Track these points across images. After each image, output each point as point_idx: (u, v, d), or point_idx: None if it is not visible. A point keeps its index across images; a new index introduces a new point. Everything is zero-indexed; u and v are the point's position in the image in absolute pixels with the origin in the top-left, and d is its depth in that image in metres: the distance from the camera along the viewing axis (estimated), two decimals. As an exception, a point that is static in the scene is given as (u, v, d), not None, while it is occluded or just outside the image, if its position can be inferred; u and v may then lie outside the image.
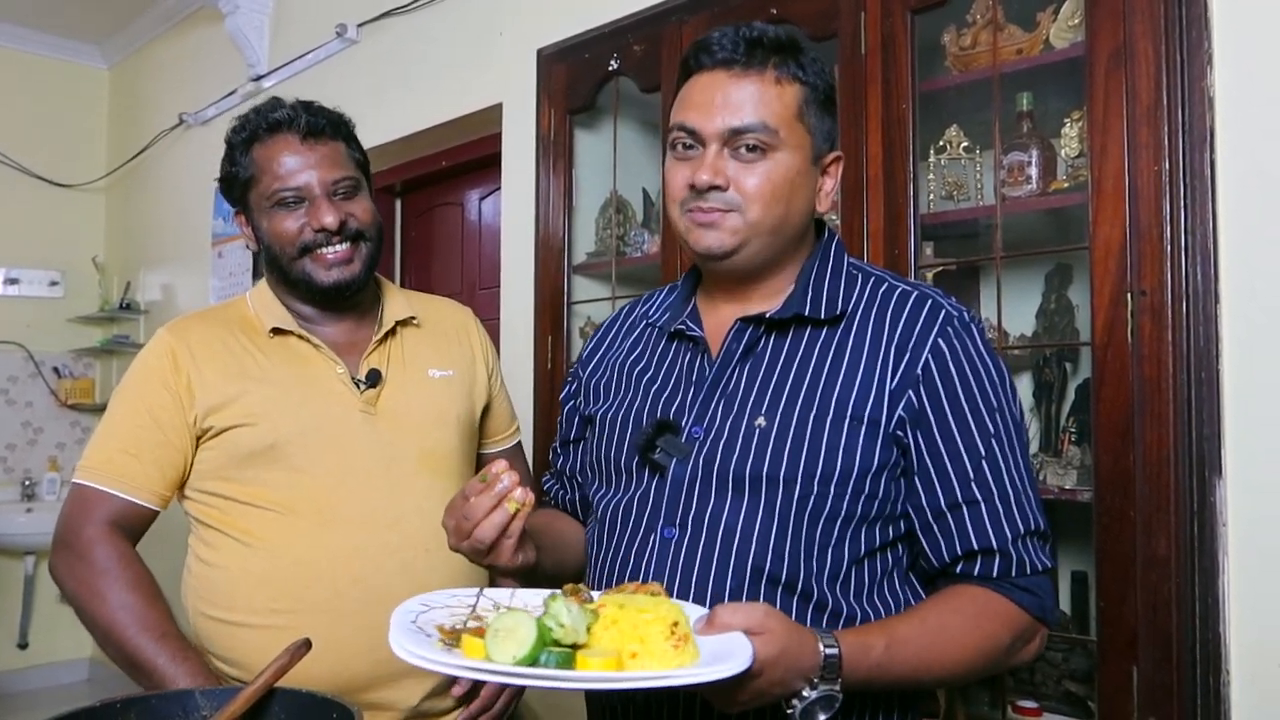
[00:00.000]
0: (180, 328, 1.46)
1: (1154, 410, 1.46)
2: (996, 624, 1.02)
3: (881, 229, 1.78)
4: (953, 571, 1.05)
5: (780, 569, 1.03)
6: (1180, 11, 1.46)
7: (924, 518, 1.05)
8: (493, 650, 0.79)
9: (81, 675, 4.73)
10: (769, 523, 1.03)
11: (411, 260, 3.56)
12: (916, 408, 1.04)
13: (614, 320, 1.33)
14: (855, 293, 1.11)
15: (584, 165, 2.51)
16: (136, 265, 4.60)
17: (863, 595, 1.06)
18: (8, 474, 4.61)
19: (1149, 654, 1.45)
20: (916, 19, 1.77)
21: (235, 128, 1.47)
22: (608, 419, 1.21)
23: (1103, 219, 1.53)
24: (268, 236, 1.44)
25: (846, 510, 1.04)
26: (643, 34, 2.24)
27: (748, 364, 1.11)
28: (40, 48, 4.70)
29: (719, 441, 1.07)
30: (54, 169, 4.71)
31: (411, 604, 0.93)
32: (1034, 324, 1.90)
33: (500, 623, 0.80)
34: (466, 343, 1.60)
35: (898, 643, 0.96)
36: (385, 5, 3.09)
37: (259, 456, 1.38)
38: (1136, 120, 1.49)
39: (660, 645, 0.80)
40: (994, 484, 1.04)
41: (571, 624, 0.81)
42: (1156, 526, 1.45)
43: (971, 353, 1.06)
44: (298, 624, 1.33)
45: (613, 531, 1.15)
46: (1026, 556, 1.04)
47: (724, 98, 1.05)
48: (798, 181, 1.07)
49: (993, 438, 1.05)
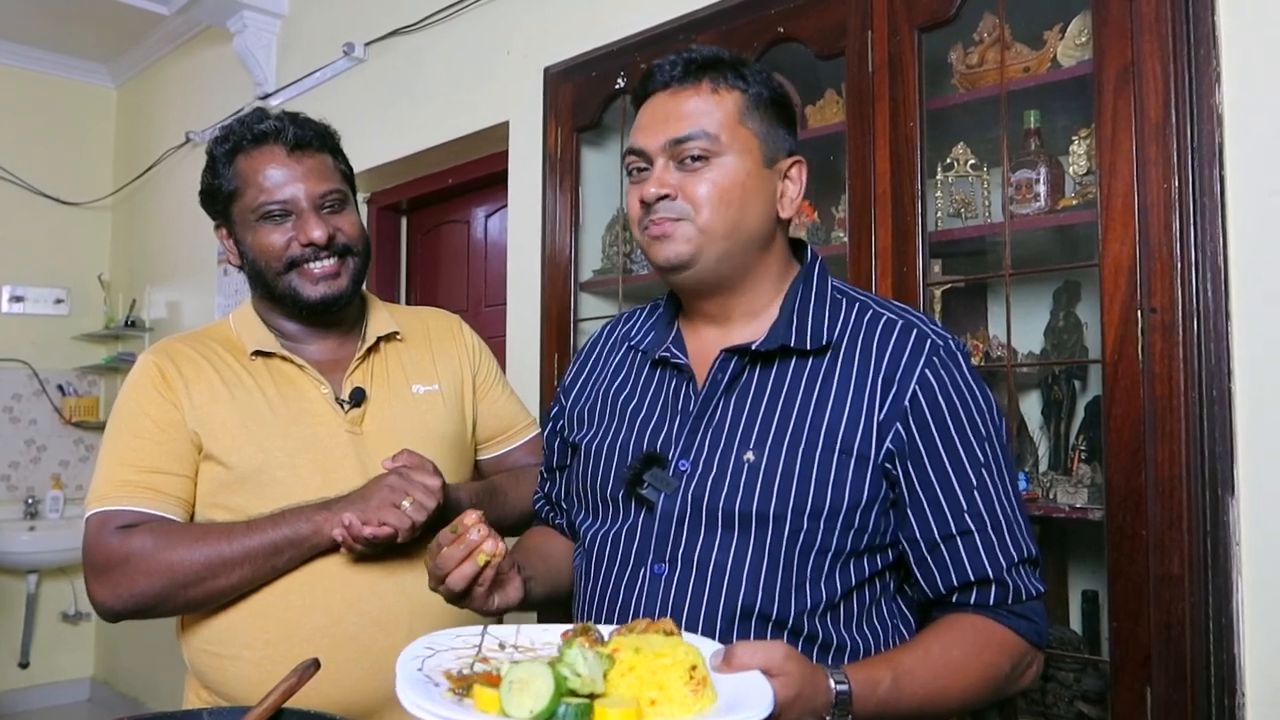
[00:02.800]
0: (164, 349, 1.42)
1: (1165, 428, 1.45)
2: (997, 653, 1.03)
3: (890, 247, 1.78)
4: (949, 601, 1.05)
5: (770, 607, 1.03)
6: (1188, 29, 1.47)
7: (918, 550, 1.06)
8: (508, 704, 0.76)
9: (83, 695, 4.71)
10: (759, 560, 1.04)
11: (418, 278, 3.56)
12: (905, 440, 1.04)
13: (595, 341, 1.32)
14: (840, 320, 1.11)
15: (591, 183, 2.52)
16: (142, 283, 4.61)
17: (852, 624, 1.06)
18: (11, 492, 4.60)
19: (1163, 674, 1.44)
20: (923, 37, 1.78)
21: (218, 138, 1.42)
22: (593, 448, 1.20)
23: (1112, 236, 1.52)
24: (252, 251, 1.40)
25: (836, 545, 1.04)
26: (649, 53, 2.25)
27: (734, 395, 1.10)
28: (49, 67, 4.74)
29: (707, 476, 1.07)
30: (61, 187, 4.73)
31: (416, 648, 0.90)
32: (1042, 341, 1.89)
33: (515, 674, 0.77)
34: (453, 350, 1.57)
35: (903, 675, 0.96)
36: (392, 24, 3.10)
37: (248, 480, 1.34)
38: (1145, 137, 1.49)
39: (679, 690, 0.79)
40: (986, 513, 1.04)
41: (589, 673, 0.78)
42: (1169, 545, 1.44)
43: (959, 381, 1.06)
44: (293, 653, 1.29)
45: (600, 564, 1.14)
46: (1021, 584, 1.04)
47: (664, 114, 1.09)
48: (749, 185, 1.08)
49: (983, 467, 1.05)
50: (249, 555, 1.28)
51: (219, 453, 1.35)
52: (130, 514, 1.30)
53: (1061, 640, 1.70)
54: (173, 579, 1.27)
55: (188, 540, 1.28)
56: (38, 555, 4.35)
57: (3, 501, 4.57)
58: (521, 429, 1.64)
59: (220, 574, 1.28)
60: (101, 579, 1.29)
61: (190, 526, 1.33)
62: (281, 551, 1.28)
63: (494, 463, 1.61)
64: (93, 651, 4.78)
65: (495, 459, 1.61)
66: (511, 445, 1.62)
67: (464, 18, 2.88)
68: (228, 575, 1.28)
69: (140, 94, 4.77)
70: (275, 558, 1.28)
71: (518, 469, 1.58)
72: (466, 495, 1.40)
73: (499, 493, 1.48)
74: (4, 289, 4.60)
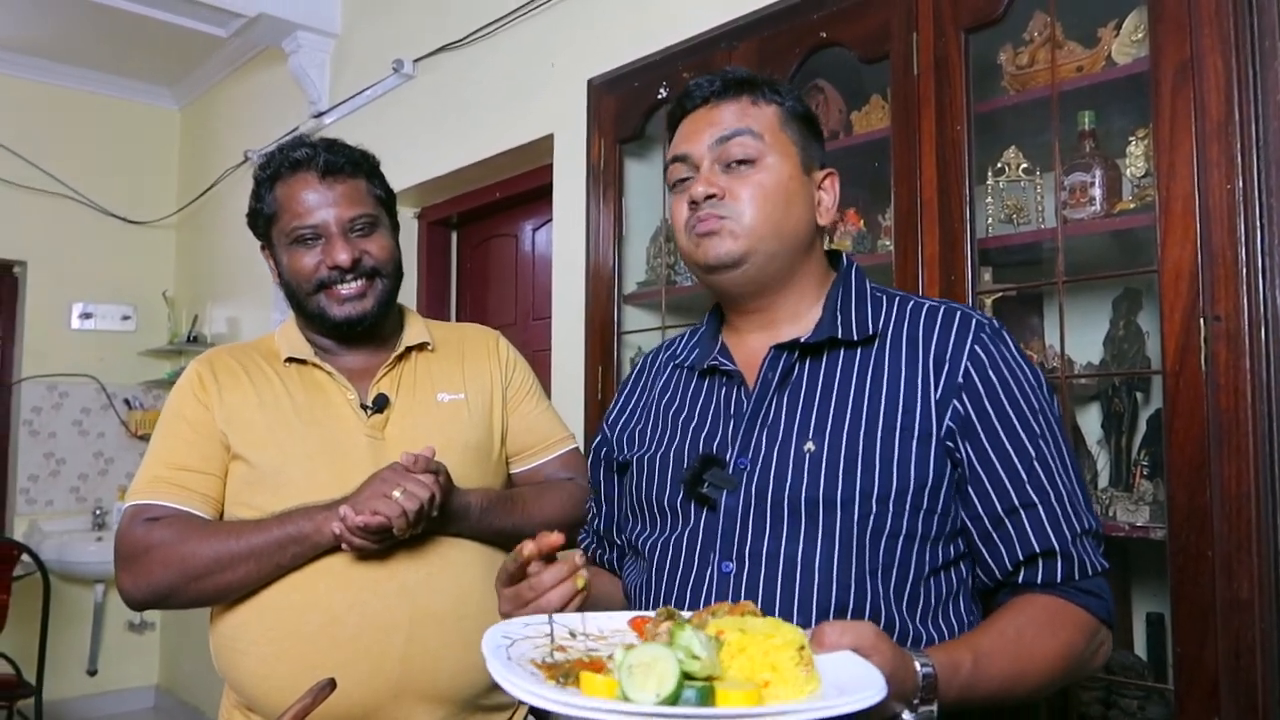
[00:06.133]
0: (206, 357, 1.52)
1: (1232, 443, 1.37)
2: (1072, 630, 1.00)
3: (937, 254, 1.72)
4: (1015, 580, 1.03)
5: (847, 598, 1.00)
6: (1251, 20, 1.39)
7: (982, 526, 1.04)
8: (630, 688, 0.72)
9: (148, 703, 4.82)
10: (830, 550, 1.01)
11: (467, 292, 3.58)
12: (963, 415, 1.03)
13: (639, 369, 1.33)
14: (884, 313, 1.12)
15: (634, 194, 2.50)
16: (204, 299, 4.73)
17: (929, 617, 1.03)
18: (80, 503, 4.74)
19: (1232, 704, 1.35)
20: (970, 38, 1.72)
21: (261, 165, 1.51)
22: (646, 460, 1.19)
23: (1172, 241, 1.45)
24: (287, 272, 1.47)
25: (908, 528, 1.02)
26: (691, 62, 2.22)
27: (786, 391, 1.10)
28: (115, 90, 4.89)
29: (768, 469, 1.05)
30: (128, 207, 4.88)
31: (495, 637, 0.87)
32: (1102, 351, 1.81)
33: (635, 658, 0.74)
34: (484, 362, 1.59)
35: (983, 657, 0.93)
36: (440, 40, 3.13)
37: (268, 480, 1.39)
38: (1206, 136, 1.42)
39: (792, 671, 0.76)
40: (1048, 485, 1.03)
41: (707, 655, 0.75)
42: (1237, 567, 1.36)
43: (1008, 357, 1.07)
44: (295, 651, 1.33)
45: (663, 568, 1.11)
46: (1086, 557, 1.02)
47: (709, 121, 1.13)
48: (791, 187, 1.11)
49: (1040, 439, 1.04)
50: (254, 552, 1.32)
51: (245, 452, 1.41)
52: (158, 508, 1.38)
53: (1124, 666, 1.62)
54: (184, 571, 1.32)
55: (200, 535, 1.34)
56: (105, 565, 4.44)
57: (72, 513, 4.70)
58: (555, 442, 1.63)
59: (227, 569, 1.32)
60: (126, 568, 1.36)
61: (206, 523, 1.39)
62: (285, 549, 1.32)
63: (526, 475, 1.61)
64: (157, 660, 4.89)
65: (528, 471, 1.61)
66: (544, 458, 1.61)
67: (509, 32, 2.89)
68: (234, 570, 1.32)
69: (202, 115, 4.90)
70: (279, 555, 1.32)
71: (546, 482, 1.58)
72: (478, 500, 1.42)
73: (517, 502, 1.49)
74: (74, 306, 4.75)
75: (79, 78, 4.74)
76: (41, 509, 4.64)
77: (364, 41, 3.60)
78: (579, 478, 1.59)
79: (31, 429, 4.61)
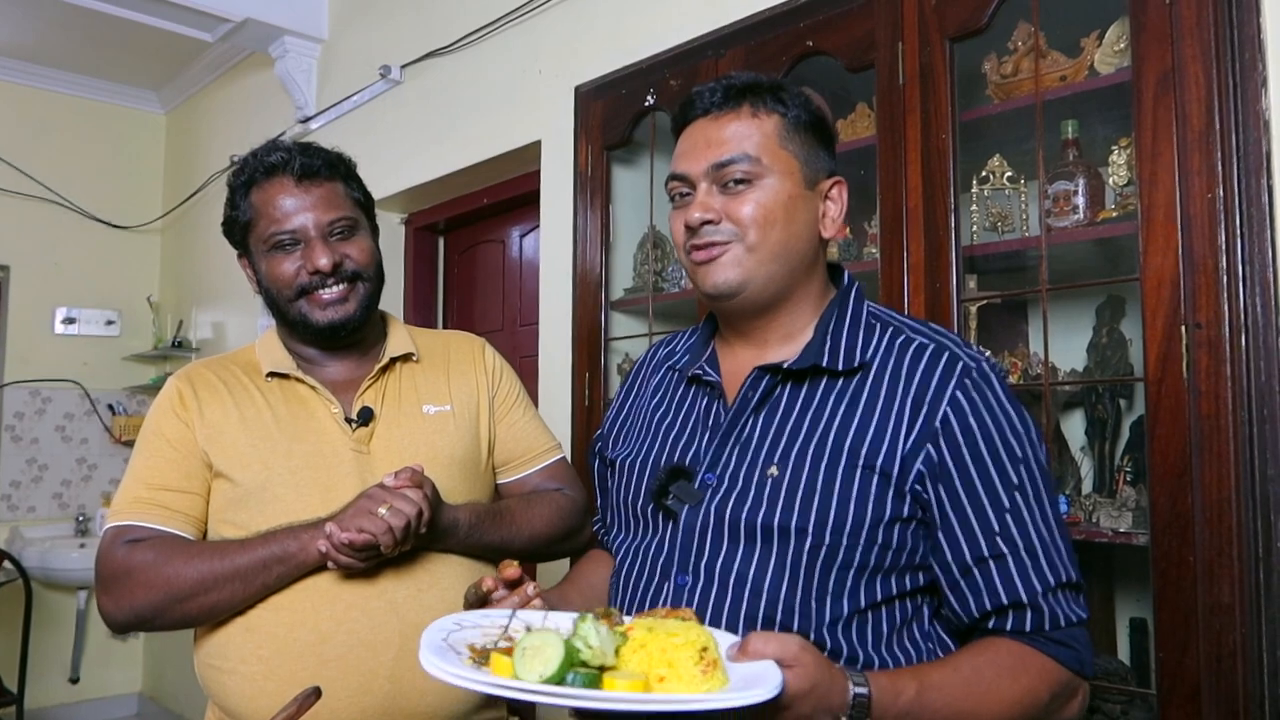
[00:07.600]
0: (186, 374, 1.47)
1: (1213, 449, 1.38)
2: (1033, 679, 0.99)
3: (922, 262, 1.73)
4: (984, 627, 1.02)
5: (790, 619, 1.02)
6: (1231, 32, 1.41)
7: (950, 574, 1.03)
8: (519, 668, 0.79)
9: (131, 710, 4.77)
10: (779, 573, 1.03)
11: (454, 298, 3.58)
12: (936, 461, 1.02)
13: (640, 365, 1.34)
14: (874, 343, 1.09)
15: (621, 201, 2.50)
16: (189, 304, 4.70)
17: (880, 643, 1.04)
18: (63, 510, 4.70)
19: (1213, 709, 1.36)
20: (955, 47, 1.74)
21: (234, 171, 1.46)
22: (626, 464, 1.21)
23: (1154, 249, 1.46)
24: (266, 279, 1.44)
25: (859, 560, 1.02)
26: (678, 69, 2.23)
27: (763, 412, 1.10)
28: (101, 94, 4.86)
29: (731, 489, 1.07)
30: (113, 211, 4.85)
31: (444, 623, 0.93)
32: (1085, 358, 1.82)
33: (528, 641, 0.81)
34: (471, 371, 1.56)
35: (930, 689, 0.93)
36: (427, 46, 3.13)
37: (252, 497, 1.36)
38: (1188, 146, 1.44)
39: (689, 670, 0.80)
40: (1019, 537, 1.01)
41: (600, 645, 0.81)
42: (1218, 572, 1.37)
43: (992, 403, 1.04)
44: (284, 670, 1.31)
45: (629, 577, 1.15)
46: (1059, 609, 1.00)
47: (706, 140, 1.11)
48: (791, 205, 1.09)
49: (1016, 490, 1.02)
50: (239, 572, 1.30)
51: (227, 470, 1.38)
52: (140, 529, 1.35)
53: (1108, 671, 1.63)
54: (169, 593, 1.30)
55: (184, 556, 1.31)
56: (88, 572, 4.38)
57: (55, 519, 4.66)
58: (542, 452, 1.60)
59: (212, 589, 1.30)
60: (107, 590, 1.33)
61: (189, 543, 1.36)
62: (270, 568, 1.30)
63: (513, 486, 1.59)
64: (141, 667, 4.85)
65: (515, 482, 1.58)
66: (530, 469, 1.59)
67: (497, 38, 2.89)
68: (219, 591, 1.30)
69: (188, 120, 4.87)
70: (264, 574, 1.30)
71: (533, 494, 1.56)
72: (466, 515, 1.40)
73: (506, 515, 1.47)
74: (57, 311, 4.71)
75: (64, 81, 4.71)
76: (24, 515, 4.60)
77: (351, 47, 3.59)
78: (567, 488, 1.58)
79: (14, 434, 4.57)
